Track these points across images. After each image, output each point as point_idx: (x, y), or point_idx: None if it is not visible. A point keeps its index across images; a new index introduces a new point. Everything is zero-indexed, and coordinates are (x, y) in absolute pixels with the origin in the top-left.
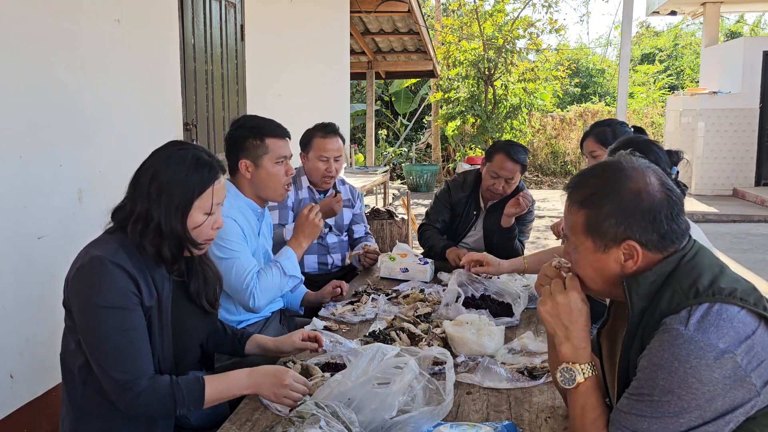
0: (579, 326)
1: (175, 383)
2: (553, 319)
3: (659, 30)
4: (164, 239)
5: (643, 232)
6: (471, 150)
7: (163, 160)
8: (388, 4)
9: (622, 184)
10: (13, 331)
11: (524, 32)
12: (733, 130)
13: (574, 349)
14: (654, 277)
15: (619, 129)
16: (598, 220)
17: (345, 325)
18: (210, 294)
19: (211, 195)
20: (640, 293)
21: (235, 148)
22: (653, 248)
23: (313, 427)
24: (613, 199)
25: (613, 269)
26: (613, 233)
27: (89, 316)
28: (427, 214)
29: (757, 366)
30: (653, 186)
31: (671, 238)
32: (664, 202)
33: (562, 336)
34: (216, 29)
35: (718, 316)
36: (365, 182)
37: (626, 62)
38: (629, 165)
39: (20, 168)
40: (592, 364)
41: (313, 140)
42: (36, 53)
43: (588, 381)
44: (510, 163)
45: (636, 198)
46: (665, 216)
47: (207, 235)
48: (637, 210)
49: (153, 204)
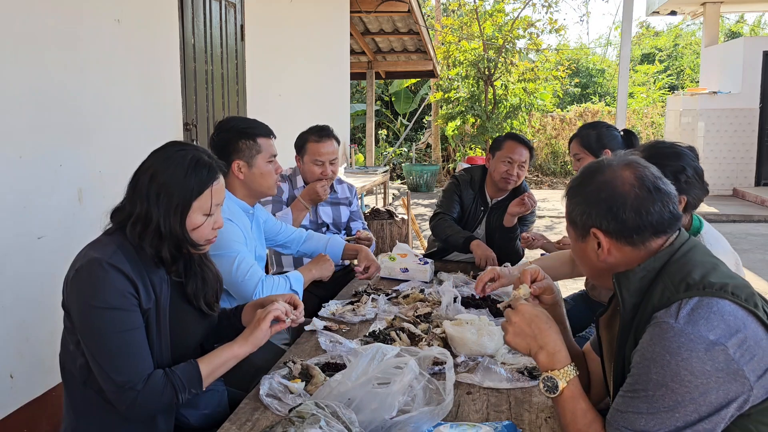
0: (543, 330)
1: (170, 372)
2: (520, 338)
3: (659, 30)
4: (163, 240)
5: (602, 220)
6: (471, 150)
7: (163, 161)
8: (388, 4)
9: (594, 177)
10: (13, 331)
11: (524, 32)
12: (733, 130)
13: (550, 355)
14: (643, 273)
15: (605, 132)
16: (571, 210)
17: (345, 325)
18: (209, 296)
19: (210, 196)
20: (630, 288)
21: (225, 150)
22: (621, 239)
23: (313, 427)
24: (583, 191)
25: (592, 258)
26: (581, 222)
27: (88, 318)
28: (439, 206)
29: (750, 359)
30: (620, 179)
31: (637, 230)
32: (628, 194)
33: (534, 347)
34: (216, 29)
35: (708, 309)
36: (365, 182)
37: (626, 62)
38: (608, 162)
39: (20, 168)
40: (573, 365)
41: (307, 144)
42: (36, 53)
43: (571, 385)
44: (520, 147)
45: (599, 188)
46: (623, 206)
47: (207, 236)
48: (597, 199)
49: (152, 205)
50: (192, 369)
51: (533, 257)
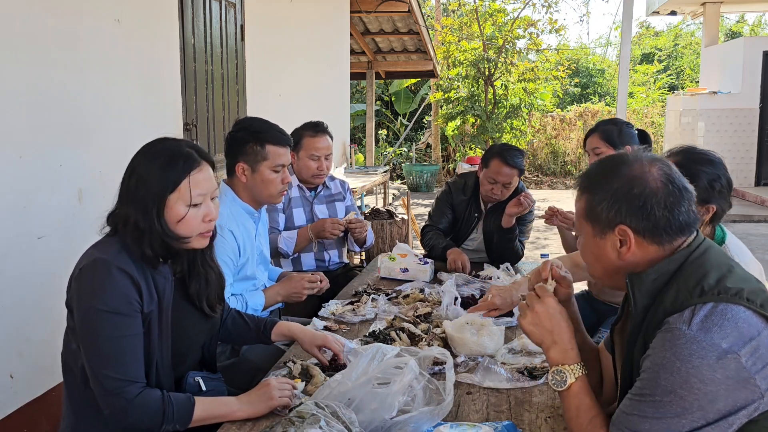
0: (562, 328)
1: (167, 398)
2: (536, 328)
3: (659, 30)
4: (144, 236)
5: (633, 217)
6: (471, 150)
7: (141, 157)
8: (388, 4)
9: (620, 171)
10: (13, 331)
11: (524, 32)
12: (733, 130)
13: (563, 351)
14: (656, 275)
15: (625, 129)
16: (594, 205)
17: (345, 325)
18: (211, 297)
19: (188, 186)
20: (642, 290)
21: (234, 149)
22: (648, 237)
23: (313, 427)
24: (609, 185)
25: (610, 256)
26: (606, 217)
27: (87, 319)
28: (429, 216)
29: (762, 368)
30: (651, 175)
31: (667, 229)
32: (660, 191)
33: (548, 341)
34: (216, 29)
35: (722, 316)
36: (365, 182)
37: (626, 62)
38: (633, 156)
39: (20, 168)
40: (582, 365)
41: (303, 140)
42: (36, 53)
43: (579, 381)
44: (506, 168)
45: (629, 183)
46: (657, 204)
47: (197, 228)
48: (629, 194)
49: (132, 201)
50: (188, 406)
51: (532, 258)
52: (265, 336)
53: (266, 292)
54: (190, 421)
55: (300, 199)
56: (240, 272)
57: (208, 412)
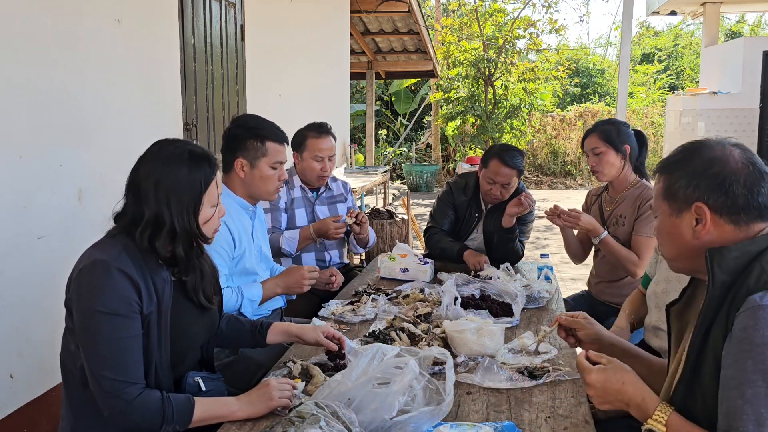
0: (620, 389)
1: (167, 399)
2: (607, 404)
3: (659, 30)
4: (178, 240)
5: (711, 194)
6: (471, 150)
7: (162, 164)
8: (388, 4)
9: (701, 152)
10: (13, 331)
11: (524, 32)
12: (733, 130)
13: (637, 407)
14: (738, 253)
15: (623, 128)
16: (671, 183)
17: (345, 325)
18: (207, 289)
19: (215, 187)
20: (722, 266)
21: (233, 145)
22: (725, 215)
23: (313, 427)
24: (688, 164)
25: (686, 235)
26: (683, 195)
27: (87, 320)
28: (432, 217)
29: None
30: (732, 156)
31: (745, 208)
32: (741, 171)
33: (623, 405)
34: (216, 29)
35: None
36: (365, 182)
37: (626, 62)
38: (715, 140)
39: (20, 168)
40: (662, 404)
41: (307, 140)
42: (36, 53)
43: (671, 420)
44: (506, 169)
45: (708, 162)
46: (737, 182)
47: (215, 226)
48: (707, 172)
49: (163, 209)
50: (187, 406)
51: (532, 258)
52: (261, 336)
53: (264, 284)
54: (190, 421)
55: (302, 199)
56: (237, 265)
57: (208, 412)
